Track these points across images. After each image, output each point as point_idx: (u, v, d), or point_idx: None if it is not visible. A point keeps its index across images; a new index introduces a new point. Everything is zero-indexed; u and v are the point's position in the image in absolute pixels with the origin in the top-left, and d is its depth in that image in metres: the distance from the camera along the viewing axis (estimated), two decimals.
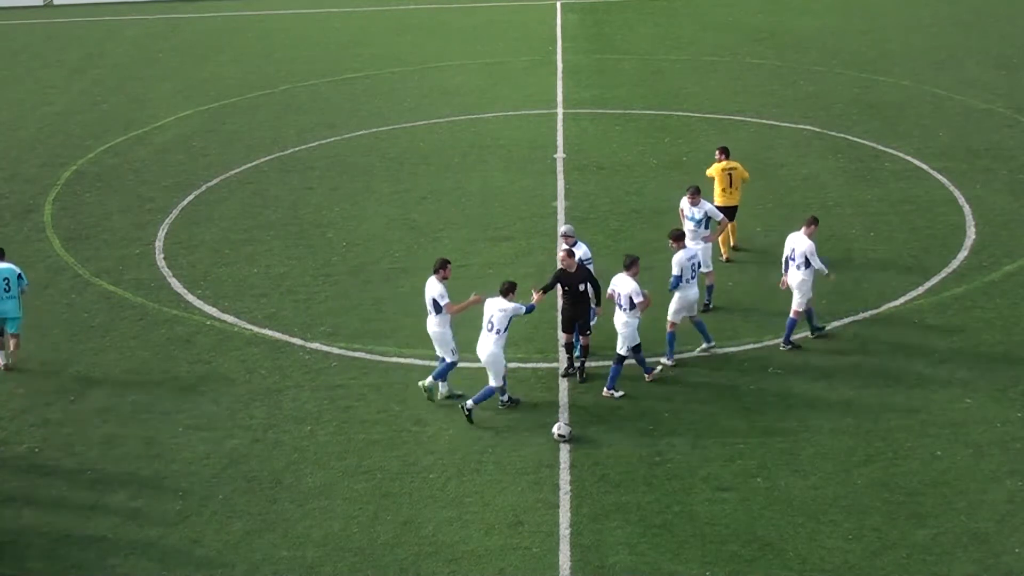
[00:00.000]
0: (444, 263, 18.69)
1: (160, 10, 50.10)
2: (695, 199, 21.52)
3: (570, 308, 19.09)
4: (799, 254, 19.71)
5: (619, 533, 15.48)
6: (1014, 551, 14.89)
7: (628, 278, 18.64)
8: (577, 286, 18.87)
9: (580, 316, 18.99)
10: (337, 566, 15.13)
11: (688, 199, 21.60)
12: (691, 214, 21.53)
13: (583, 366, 19.26)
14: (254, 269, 23.87)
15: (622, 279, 18.70)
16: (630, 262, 18.82)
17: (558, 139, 30.68)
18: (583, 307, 18.96)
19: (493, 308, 18.18)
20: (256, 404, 18.96)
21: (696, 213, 21.44)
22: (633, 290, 18.47)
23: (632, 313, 18.49)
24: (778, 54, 38.54)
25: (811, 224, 20.00)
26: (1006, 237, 24.01)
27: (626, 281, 18.62)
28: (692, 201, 21.52)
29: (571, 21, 44.83)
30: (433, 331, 18.66)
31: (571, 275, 18.91)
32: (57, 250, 25.13)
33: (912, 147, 29.27)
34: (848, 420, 17.85)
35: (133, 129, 33.03)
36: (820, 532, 15.37)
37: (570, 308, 19.09)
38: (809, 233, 19.88)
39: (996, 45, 38.93)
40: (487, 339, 18.14)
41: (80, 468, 17.42)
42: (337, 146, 31.05)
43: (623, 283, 18.64)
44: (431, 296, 18.54)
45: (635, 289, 18.48)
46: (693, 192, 21.64)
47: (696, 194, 21.63)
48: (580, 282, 18.86)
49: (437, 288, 18.51)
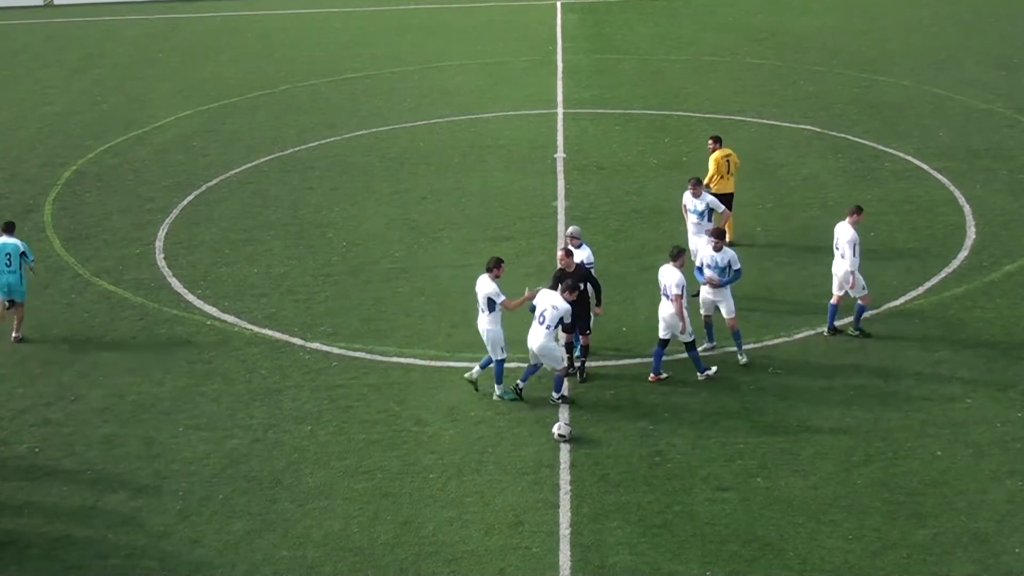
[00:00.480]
0: (498, 261, 18.63)
1: (160, 10, 50.10)
2: (697, 190, 21.55)
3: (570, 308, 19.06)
4: (843, 243, 19.76)
5: (619, 533, 15.48)
6: (1014, 551, 14.90)
7: (673, 269, 18.82)
8: (576, 285, 18.86)
9: (580, 316, 18.96)
10: (337, 566, 15.13)
11: (690, 191, 21.65)
12: (693, 206, 21.58)
13: (583, 366, 19.26)
14: (254, 269, 23.87)
15: (667, 270, 18.91)
16: (676, 252, 19.03)
17: (558, 139, 30.69)
18: (583, 307, 18.94)
19: (547, 303, 18.18)
20: (256, 404, 18.96)
21: (698, 205, 21.48)
22: (675, 282, 18.64)
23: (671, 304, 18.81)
24: (778, 54, 38.54)
25: (855, 213, 20.05)
26: (1006, 237, 24.01)
27: (670, 272, 18.83)
28: (694, 193, 21.56)
29: (571, 21, 44.83)
30: (486, 329, 18.54)
31: (570, 275, 18.85)
32: (57, 250, 25.13)
33: (912, 147, 29.27)
34: (848, 420, 17.85)
35: (133, 129, 33.03)
36: (820, 532, 15.37)
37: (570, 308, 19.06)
38: (853, 223, 19.90)
39: (996, 45, 38.94)
40: (538, 331, 18.20)
41: (80, 468, 17.42)
42: (337, 146, 31.06)
43: (666, 274, 18.88)
44: (485, 294, 18.40)
45: (676, 281, 18.64)
46: (695, 183, 21.69)
47: (698, 185, 21.69)
48: (579, 281, 18.83)
49: (491, 286, 18.40)
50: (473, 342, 20.41)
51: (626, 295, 21.91)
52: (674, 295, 18.59)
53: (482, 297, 18.44)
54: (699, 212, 21.51)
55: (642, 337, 20.33)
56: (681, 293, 18.56)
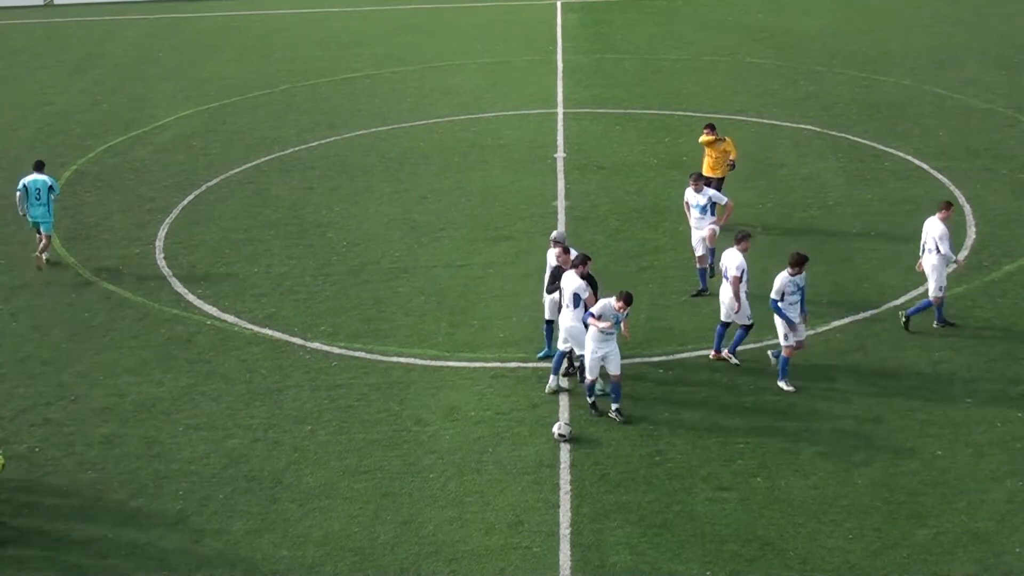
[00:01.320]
0: (585, 258, 18.62)
1: (160, 10, 50.09)
2: (698, 185, 21.59)
3: None
4: (931, 239, 19.91)
5: (619, 533, 15.48)
6: (1014, 551, 14.90)
7: (736, 252, 19.10)
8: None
9: None
10: (337, 566, 15.14)
11: (692, 186, 21.69)
12: (695, 201, 21.63)
13: (582, 366, 19.21)
14: (254, 269, 23.87)
15: (730, 253, 19.19)
16: (741, 236, 19.35)
17: (558, 139, 30.68)
18: None
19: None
20: (256, 404, 18.96)
21: (700, 200, 21.52)
22: (735, 264, 18.95)
23: None
24: (778, 54, 38.53)
25: (945, 209, 20.19)
26: (1006, 237, 24.01)
27: (732, 255, 19.10)
28: (696, 188, 21.60)
29: (571, 21, 44.81)
30: (569, 326, 18.39)
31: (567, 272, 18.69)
32: (57, 249, 25.11)
33: (912, 147, 29.27)
34: (848, 420, 17.85)
35: (133, 129, 33.02)
36: (820, 532, 15.37)
37: None
38: (943, 218, 19.99)
39: (996, 45, 38.93)
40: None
41: (80, 468, 17.43)
42: (337, 146, 31.05)
43: (729, 257, 19.20)
44: (571, 290, 18.31)
45: (737, 264, 18.95)
46: (696, 178, 21.73)
47: (699, 180, 21.71)
48: None
49: (578, 282, 18.37)
50: (473, 341, 20.45)
51: None
52: (732, 277, 18.93)
53: (568, 293, 18.36)
54: (701, 207, 21.56)
55: (642, 336, 20.33)
56: (740, 276, 18.88)
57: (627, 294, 17.75)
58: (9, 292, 23.36)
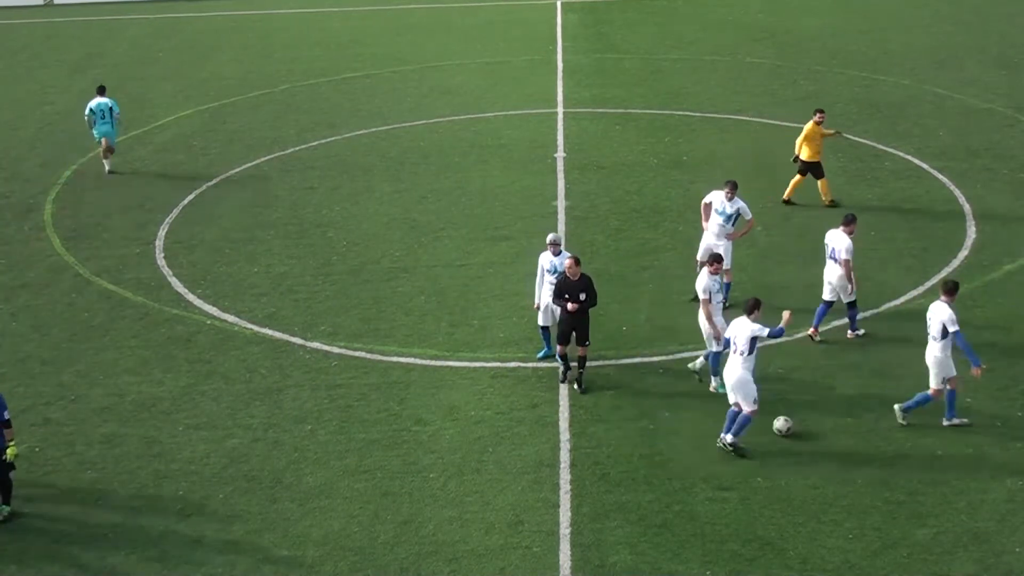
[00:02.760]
0: (716, 258, 18.85)
1: (160, 10, 50.07)
2: (732, 194, 21.08)
3: (569, 318, 18.62)
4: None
5: (619, 532, 15.48)
6: (1015, 550, 14.90)
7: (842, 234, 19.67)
8: (578, 295, 18.50)
9: (578, 326, 18.63)
10: (337, 565, 15.14)
11: (725, 193, 21.09)
12: (723, 208, 21.05)
13: (581, 377, 18.89)
14: (254, 268, 23.87)
15: (837, 234, 19.73)
16: (849, 219, 19.94)
17: (558, 138, 30.68)
18: (582, 316, 18.63)
19: (736, 328, 17.11)
20: (256, 404, 18.96)
21: (729, 208, 21.07)
22: (844, 247, 19.52)
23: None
24: (778, 54, 38.52)
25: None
26: (1006, 237, 24.01)
27: (840, 237, 19.70)
28: (728, 196, 21.06)
29: (571, 21, 44.80)
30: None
31: (574, 283, 18.57)
32: (57, 249, 25.13)
33: (912, 147, 29.27)
34: (848, 420, 17.85)
35: (133, 129, 33.00)
36: (821, 531, 15.37)
37: (569, 318, 18.62)
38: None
39: (996, 45, 38.91)
40: (734, 362, 17.06)
41: (80, 468, 17.43)
42: (337, 146, 31.05)
43: (836, 239, 19.70)
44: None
45: (847, 247, 19.50)
46: (732, 187, 21.20)
47: (735, 188, 21.18)
48: (581, 291, 18.51)
49: (704, 281, 18.43)
50: (473, 341, 20.45)
51: (626, 295, 21.90)
52: (843, 260, 19.47)
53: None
54: (727, 215, 21.05)
55: (642, 336, 20.34)
56: (850, 259, 19.47)
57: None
58: (9, 292, 23.36)
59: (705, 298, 18.42)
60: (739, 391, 16.89)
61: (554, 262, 19.19)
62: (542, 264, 19.43)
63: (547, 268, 19.32)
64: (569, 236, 24.38)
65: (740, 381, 16.87)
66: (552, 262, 19.21)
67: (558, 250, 19.40)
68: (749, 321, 16.99)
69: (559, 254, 19.30)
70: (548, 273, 19.27)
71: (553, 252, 19.33)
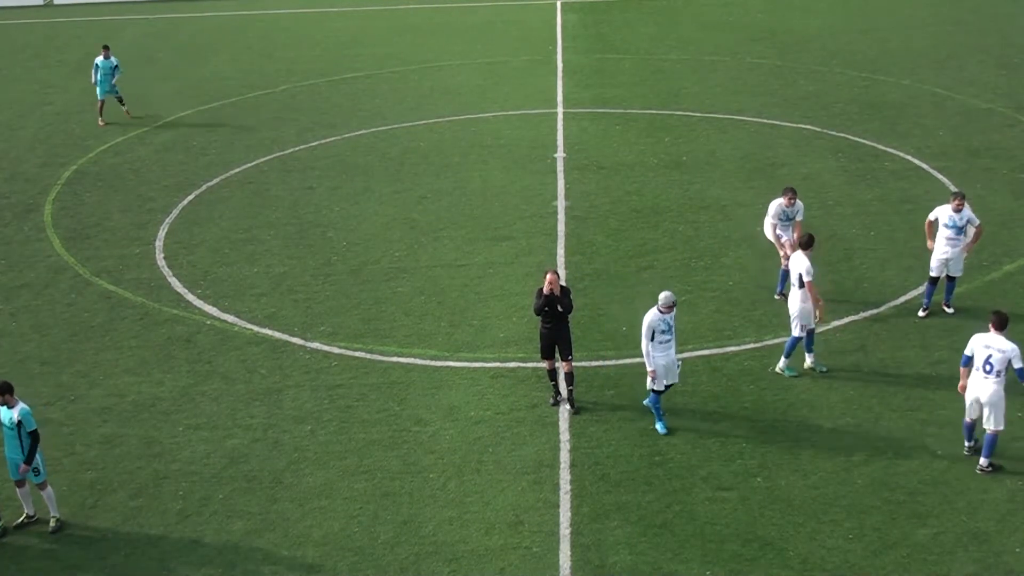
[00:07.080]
0: (811, 239, 18.95)
1: (160, 10, 50.09)
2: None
3: (550, 331, 18.00)
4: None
5: (619, 533, 15.48)
6: (1015, 550, 14.89)
7: (967, 210, 20.03)
8: (556, 307, 17.81)
9: (561, 339, 18.08)
10: (337, 566, 15.14)
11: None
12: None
13: (571, 394, 18.38)
14: (254, 269, 23.88)
15: (943, 210, 20.16)
16: (959, 196, 20.18)
17: (558, 138, 30.69)
18: (564, 330, 18.03)
19: (983, 344, 16.38)
20: (256, 404, 18.97)
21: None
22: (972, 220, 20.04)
23: None
24: (778, 54, 38.55)
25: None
26: (1006, 237, 24.01)
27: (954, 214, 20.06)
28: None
29: (571, 21, 44.84)
30: (800, 305, 18.65)
31: (555, 297, 17.80)
32: (57, 249, 25.14)
33: (912, 147, 29.28)
34: (848, 420, 17.85)
35: (133, 129, 33.02)
36: (821, 531, 15.37)
37: (550, 331, 18.00)
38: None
39: (997, 45, 38.94)
40: (985, 383, 16.34)
41: (80, 468, 17.43)
42: (337, 146, 31.06)
43: (942, 213, 20.21)
44: (798, 271, 18.59)
45: (970, 219, 20.02)
46: (793, 194, 21.11)
47: (795, 195, 21.13)
48: (559, 303, 17.76)
49: (804, 263, 18.56)
50: (473, 341, 20.45)
51: (626, 295, 21.90)
52: (976, 230, 20.34)
53: (795, 274, 18.71)
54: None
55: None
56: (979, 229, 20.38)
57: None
58: (9, 292, 23.37)
59: (810, 280, 18.53)
60: (996, 408, 16.32)
61: (666, 319, 17.43)
62: (652, 325, 17.39)
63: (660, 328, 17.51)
64: (569, 236, 24.40)
65: (997, 397, 16.28)
66: (665, 319, 17.41)
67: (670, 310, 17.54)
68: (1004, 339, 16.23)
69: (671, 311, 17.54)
70: (660, 334, 17.51)
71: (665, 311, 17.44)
